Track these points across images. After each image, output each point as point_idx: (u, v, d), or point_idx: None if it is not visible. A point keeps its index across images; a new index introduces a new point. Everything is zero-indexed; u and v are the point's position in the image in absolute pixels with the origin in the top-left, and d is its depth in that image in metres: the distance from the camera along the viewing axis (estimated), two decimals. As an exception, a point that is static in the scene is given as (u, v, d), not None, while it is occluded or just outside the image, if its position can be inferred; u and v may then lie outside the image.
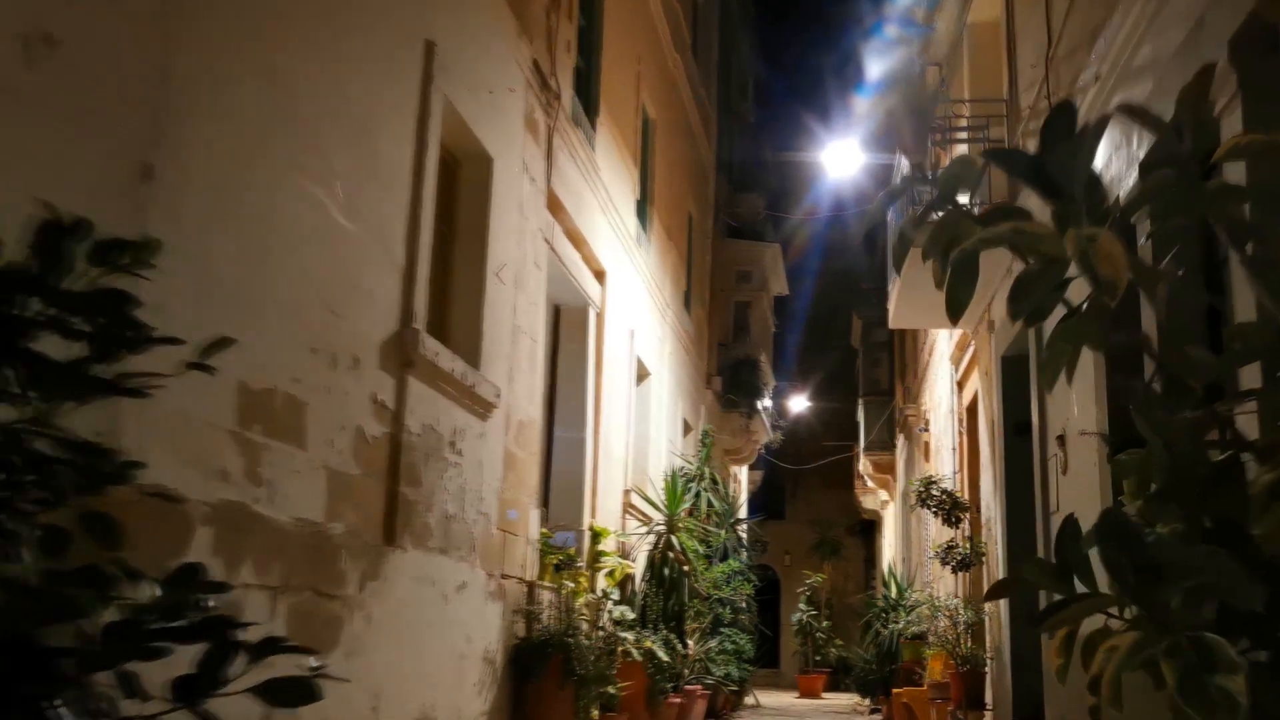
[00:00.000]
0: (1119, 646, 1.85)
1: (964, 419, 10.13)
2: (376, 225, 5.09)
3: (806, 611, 24.14)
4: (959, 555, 8.59)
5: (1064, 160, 2.15)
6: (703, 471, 13.15)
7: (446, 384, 5.82)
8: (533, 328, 7.71)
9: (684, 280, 15.04)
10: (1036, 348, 6.44)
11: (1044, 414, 6.34)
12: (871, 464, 23.28)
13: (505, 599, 6.90)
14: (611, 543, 9.85)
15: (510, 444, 7.12)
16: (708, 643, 11.13)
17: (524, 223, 7.45)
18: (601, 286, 10.02)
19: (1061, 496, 5.91)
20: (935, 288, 2.03)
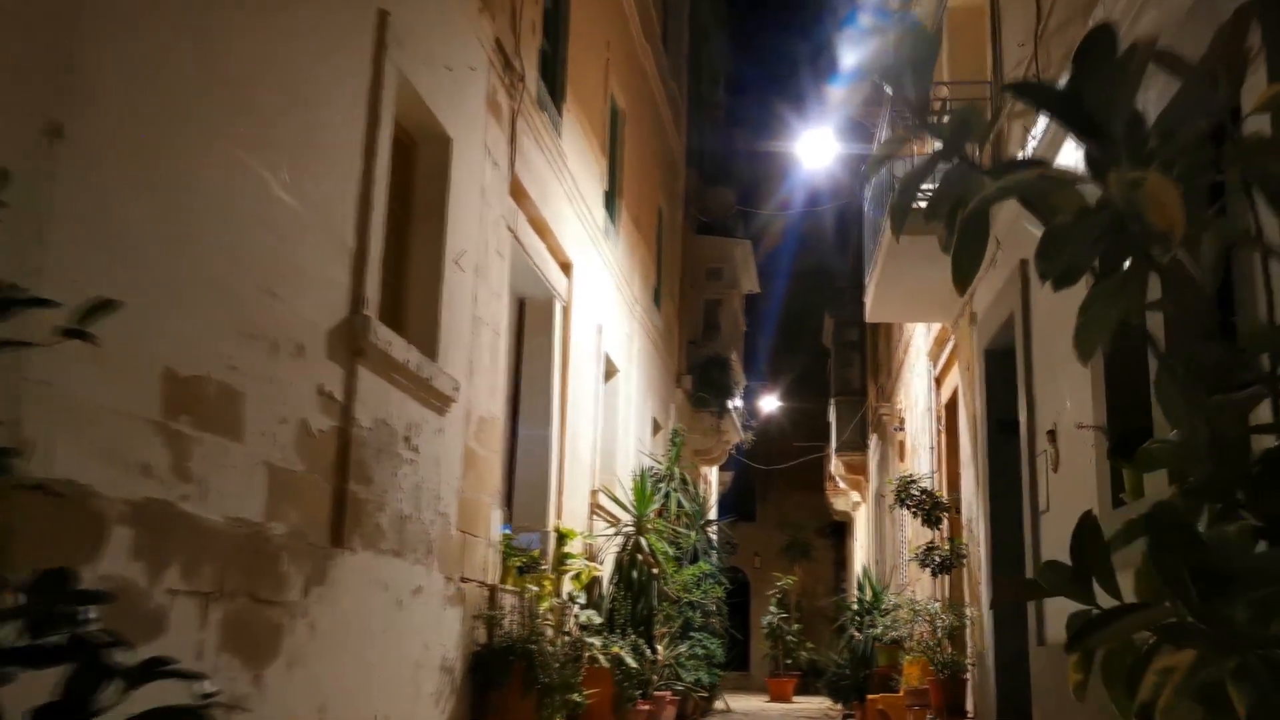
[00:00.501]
0: (1176, 667, 1.58)
1: (942, 417, 9.88)
2: (322, 203, 4.76)
3: (777, 614, 23.91)
4: (939, 557, 8.33)
5: (1102, 92, 1.85)
6: (672, 471, 12.85)
7: (401, 375, 5.50)
8: (495, 319, 7.39)
9: (653, 276, 14.74)
10: (1023, 339, 6.20)
11: (1032, 408, 6.08)
12: (843, 465, 23.07)
13: (465, 604, 6.58)
14: (578, 545, 9.54)
15: (470, 441, 6.79)
16: (677, 647, 10.82)
17: (485, 208, 7.12)
18: (568, 279, 9.71)
19: (1052, 495, 5.65)
20: (941, 251, 1.74)
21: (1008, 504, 7.09)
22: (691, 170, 18.20)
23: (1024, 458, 6.18)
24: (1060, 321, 5.52)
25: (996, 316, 6.99)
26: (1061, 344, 5.51)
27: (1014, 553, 7.03)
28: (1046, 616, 5.75)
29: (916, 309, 8.97)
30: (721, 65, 20.81)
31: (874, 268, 8.49)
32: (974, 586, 7.93)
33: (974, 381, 7.83)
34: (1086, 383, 4.91)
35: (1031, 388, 6.08)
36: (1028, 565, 6.06)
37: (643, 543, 10.44)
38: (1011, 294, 6.50)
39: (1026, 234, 6.33)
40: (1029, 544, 6.04)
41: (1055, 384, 5.61)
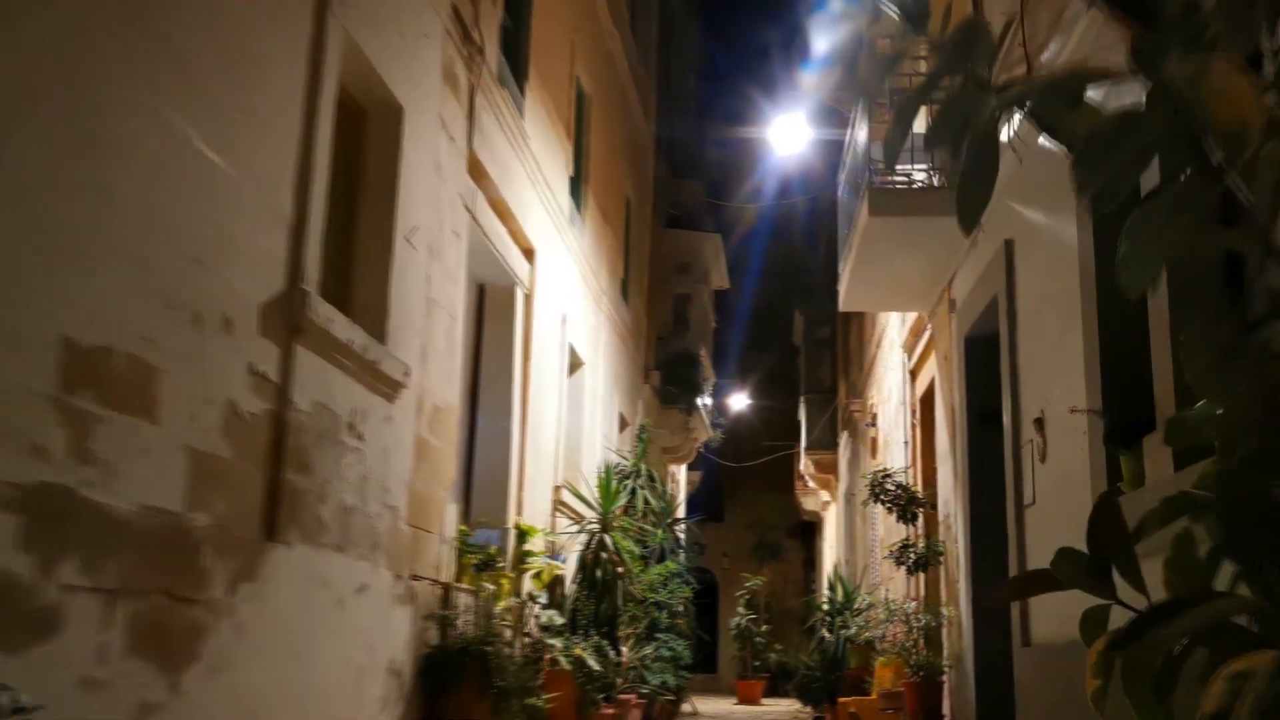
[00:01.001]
0: (1253, 672, 1.29)
1: (917, 410, 9.58)
2: (257, 168, 4.38)
3: (745, 615, 23.59)
4: (915, 555, 8.01)
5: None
6: (639, 468, 12.49)
7: (344, 357, 5.12)
8: (451, 303, 7.02)
9: (621, 268, 14.39)
10: (1008, 324, 5.88)
11: (1017, 396, 5.76)
12: (813, 463, 22.79)
13: (415, 603, 6.20)
14: (539, 542, 9.17)
15: (423, 430, 6.42)
16: (643, 649, 10.47)
17: (441, 185, 6.75)
18: (530, 266, 9.34)
19: (1039, 487, 5.34)
20: (947, 186, 1.41)
21: (989, 498, 6.79)
22: (660, 162, 17.86)
23: (1008, 449, 5.87)
24: (1050, 301, 5.22)
25: (978, 301, 6.68)
26: (1051, 326, 5.20)
27: (995, 549, 6.72)
28: (1033, 615, 5.44)
29: (892, 297, 8.65)
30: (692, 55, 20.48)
31: (848, 253, 8.17)
32: (951, 585, 7.62)
33: (953, 371, 7.53)
34: (1078, 366, 4.60)
35: (1016, 375, 5.77)
36: (1012, 561, 5.75)
37: (608, 541, 10.08)
38: (995, 276, 6.20)
39: (1010, 213, 6.02)
40: (1013, 539, 5.72)
41: (1043, 369, 5.31)
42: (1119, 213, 1.40)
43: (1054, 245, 5.13)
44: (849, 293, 8.52)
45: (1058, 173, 4.98)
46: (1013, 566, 5.73)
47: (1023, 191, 5.75)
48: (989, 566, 6.69)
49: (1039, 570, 1.79)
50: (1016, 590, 1.92)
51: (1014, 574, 5.66)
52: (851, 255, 7.93)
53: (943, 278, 7.76)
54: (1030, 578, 2.45)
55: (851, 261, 7.98)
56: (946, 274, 7.66)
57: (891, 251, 7.49)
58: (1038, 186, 5.43)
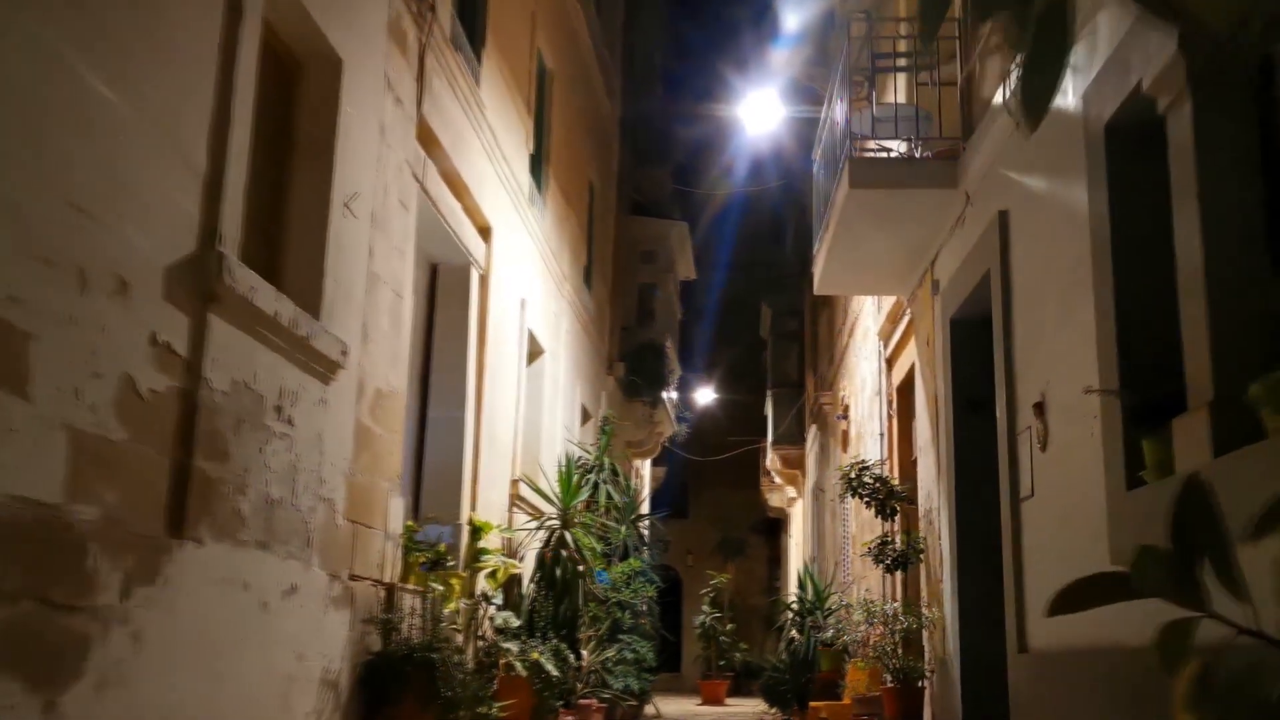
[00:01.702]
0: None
1: (894, 400, 9.11)
2: (161, 109, 3.82)
3: (710, 614, 23.11)
4: (894, 552, 7.53)
5: None
6: (602, 461, 11.96)
7: (270, 331, 4.56)
8: (397, 279, 6.47)
9: (584, 254, 13.85)
10: (1002, 301, 5.40)
11: (1012, 380, 5.29)
12: (780, 458, 22.34)
13: (354, 606, 5.65)
14: (495, 539, 8.64)
15: (364, 416, 5.87)
16: (605, 652, 9.95)
17: (386, 149, 6.20)
18: (487, 245, 8.79)
19: (1039, 478, 4.86)
20: (1011, 47, 1.06)
21: (977, 491, 6.33)
22: (625, 147, 17.33)
23: (1001, 438, 5.40)
24: (1053, 274, 4.75)
25: (966, 280, 6.21)
26: (1053, 302, 4.73)
27: (985, 545, 6.26)
28: (1030, 618, 4.97)
29: (870, 279, 8.16)
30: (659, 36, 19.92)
31: (825, 232, 7.68)
32: (934, 584, 7.15)
33: (936, 357, 7.06)
34: (1088, 343, 4.12)
35: (1011, 357, 5.30)
36: (1006, 559, 5.28)
37: (568, 537, 9.55)
38: (986, 252, 5.72)
39: (1004, 182, 5.54)
40: (1008, 534, 5.24)
41: (1044, 350, 4.84)
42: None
43: (1059, 213, 4.65)
44: (825, 275, 8.03)
45: (1063, 133, 4.51)
46: (1007, 564, 5.25)
47: (1020, 157, 5.28)
48: (977, 564, 6.22)
49: (1109, 574, 1.37)
50: (1079, 598, 1.49)
51: (1009, 572, 5.19)
52: (828, 234, 7.43)
53: (925, 257, 7.28)
54: (1098, 584, 1.92)
55: (828, 241, 7.48)
56: (929, 253, 7.18)
57: (871, 229, 7.00)
58: (1038, 150, 4.96)
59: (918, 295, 7.73)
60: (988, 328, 6.26)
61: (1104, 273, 3.96)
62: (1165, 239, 3.63)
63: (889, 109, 6.72)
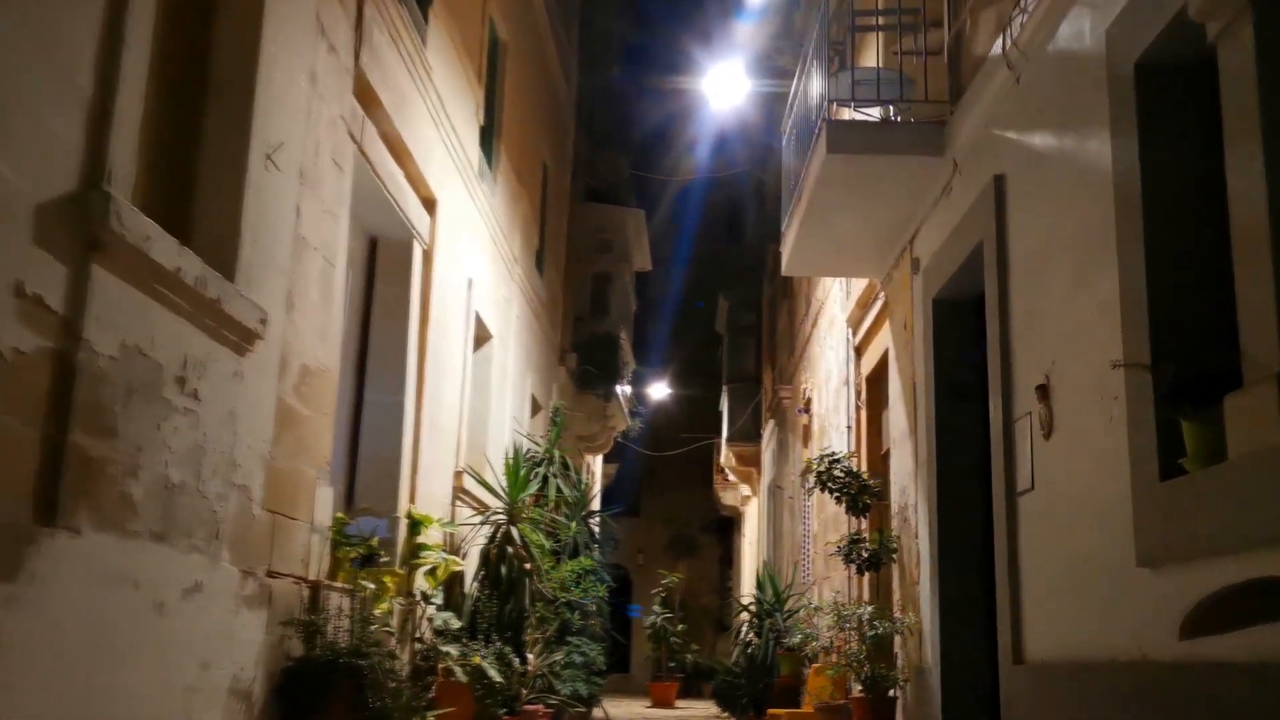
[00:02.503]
0: None
1: (863, 391, 8.62)
2: (33, 14, 3.21)
3: (661, 614, 22.57)
4: (865, 551, 7.02)
5: None
6: (552, 454, 11.39)
7: (171, 290, 3.96)
8: (329, 246, 5.87)
9: (536, 238, 13.26)
10: (997, 275, 4.89)
11: (1008, 361, 4.79)
12: (735, 455, 21.87)
13: (272, 606, 5.05)
14: (436, 534, 8.06)
15: (287, 394, 5.27)
16: (552, 655, 9.37)
17: (317, 101, 5.60)
18: (431, 219, 8.20)
19: (1040, 469, 4.37)
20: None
21: (961, 485, 5.84)
22: (581, 131, 16.75)
23: (994, 426, 4.89)
24: (1063, 241, 4.25)
25: (953, 255, 5.71)
26: (1062, 271, 4.24)
27: (968, 544, 5.78)
28: (1028, 626, 4.47)
29: (842, 259, 7.64)
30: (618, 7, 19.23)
31: (796, 208, 7.17)
32: (909, 586, 6.65)
33: (915, 341, 6.56)
34: (1108, 314, 3.62)
35: (1008, 336, 4.80)
36: (999, 559, 4.78)
37: (515, 533, 8.97)
38: (978, 222, 5.23)
39: (999, 144, 5.05)
40: (1001, 532, 4.74)
41: (1048, 325, 4.34)
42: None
43: (1070, 172, 4.16)
44: (794, 254, 7.50)
45: (1078, 80, 4.01)
46: (1000, 566, 4.75)
47: (1020, 114, 4.78)
48: (959, 565, 5.73)
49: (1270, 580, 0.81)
50: (1234, 612, 1.04)
51: (1004, 574, 4.69)
52: (800, 208, 6.92)
53: (903, 234, 6.79)
54: (1254, 595, 1.36)
55: (799, 216, 6.96)
56: (908, 229, 6.68)
57: (847, 201, 6.49)
58: (1045, 104, 4.46)
59: (893, 276, 7.23)
60: (975, 307, 5.78)
61: (1131, 233, 3.47)
62: (1207, 191, 3.13)
63: (869, 72, 6.21)
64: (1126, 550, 3.45)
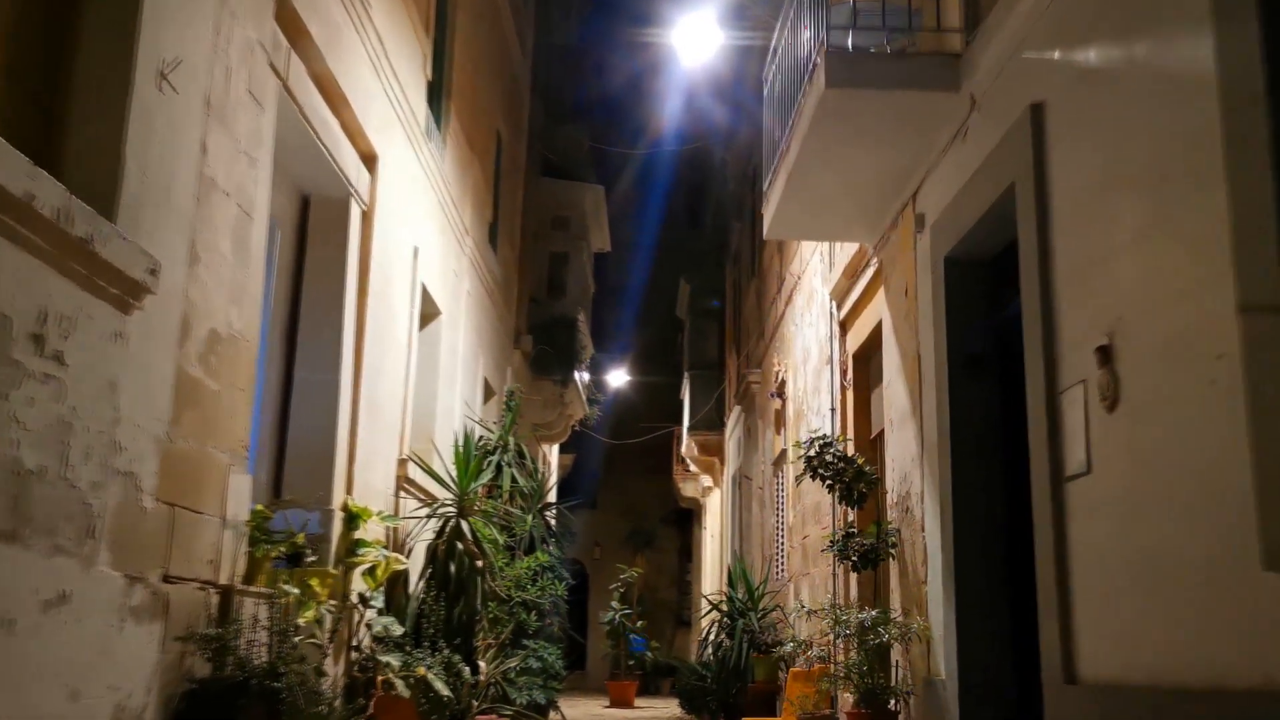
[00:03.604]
0: None
1: (849, 370, 7.88)
2: None
3: (619, 610, 21.78)
4: (862, 546, 6.25)
5: None
6: (506, 441, 10.56)
7: (20, 222, 3.12)
8: (245, 193, 5.03)
9: (490, 210, 12.41)
10: (1035, 221, 4.14)
11: (1050, 320, 4.04)
12: (696, 445, 21.12)
13: (168, 617, 4.22)
14: (377, 529, 7.24)
15: (190, 363, 4.44)
16: (506, 661, 8.57)
17: (228, 18, 4.75)
18: (372, 177, 7.36)
19: (1101, 447, 3.62)
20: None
21: (978, 470, 5.11)
22: (537, 102, 15.89)
23: (1033, 399, 4.15)
24: (1126, 173, 3.51)
25: (970, 206, 4.97)
26: (1128, 207, 3.50)
27: (989, 539, 5.05)
28: (1081, 635, 3.72)
29: (831, 220, 6.86)
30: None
31: (781, 161, 6.40)
32: (912, 587, 5.91)
33: (918, 308, 5.82)
34: (1204, 247, 2.87)
35: (1049, 291, 4.05)
36: (1041, 558, 4.03)
37: (465, 528, 8.16)
38: (1008, 162, 4.48)
39: (1035, 70, 4.30)
40: (1045, 526, 3.99)
41: (1110, 273, 3.60)
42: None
43: (1143, 85, 3.42)
44: (778, 215, 6.73)
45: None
46: (1043, 566, 4.01)
47: (1066, 30, 4.03)
48: (978, 563, 5.00)
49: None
50: None
51: (1048, 577, 3.94)
52: (787, 161, 6.15)
53: (905, 187, 6.04)
54: None
55: (786, 170, 6.19)
56: (912, 181, 5.94)
57: (843, 150, 5.73)
58: (1102, 10, 3.71)
59: (890, 238, 6.48)
60: (995, 266, 5.05)
61: (1249, 146, 2.73)
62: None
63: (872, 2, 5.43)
64: (1241, 548, 2.73)
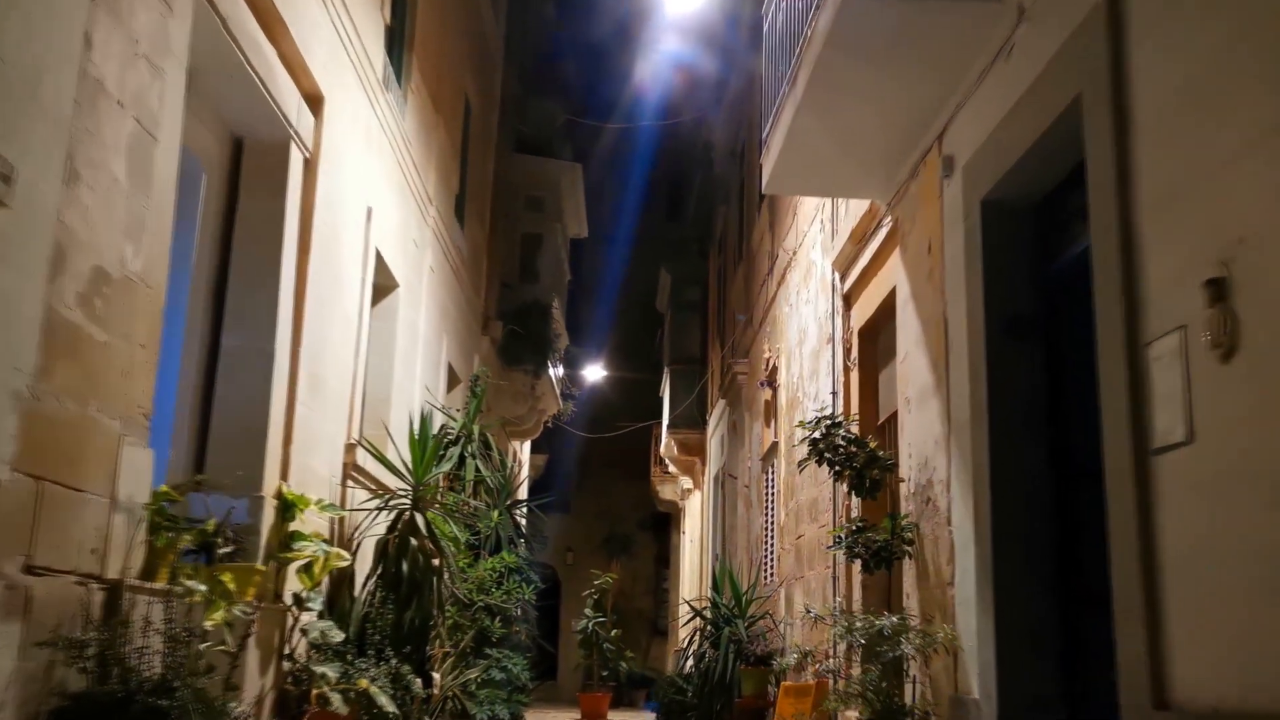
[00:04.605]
0: None
1: (853, 348, 7.15)
2: None
3: (593, 618, 20.98)
4: (873, 543, 5.47)
5: None
6: (471, 430, 9.79)
7: None
8: (147, 109, 4.26)
9: (457, 181, 11.62)
10: (1111, 136, 3.40)
11: (1130, 252, 3.28)
12: (676, 444, 20.37)
13: (29, 618, 3.45)
14: (317, 520, 6.47)
15: (66, 304, 3.66)
16: (466, 672, 7.80)
17: (123, -113, 3.98)
18: (317, 120, 6.59)
19: (1210, 410, 2.88)
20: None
21: (1025, 451, 4.37)
22: (511, 71, 15.13)
23: (1108, 352, 3.41)
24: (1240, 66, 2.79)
25: (1015, 137, 4.24)
26: (1244, 107, 2.78)
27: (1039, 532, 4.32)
28: (1178, 649, 2.98)
29: (840, 171, 6.06)
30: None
31: (785, 101, 5.66)
32: (934, 589, 5.16)
33: (945, 266, 5.08)
34: None
35: (1130, 218, 3.32)
36: (1119, 548, 3.29)
37: (421, 522, 7.38)
38: (1073, 71, 3.75)
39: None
40: (1126, 508, 3.24)
41: (1217, 192, 2.87)
42: None
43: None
44: (780, 165, 5.98)
45: None
46: (1121, 557, 3.26)
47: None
48: (1023, 561, 4.26)
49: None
50: None
51: (1129, 575, 3.20)
52: (793, 96, 5.40)
53: (930, 126, 5.31)
54: None
55: (791, 109, 5.44)
56: (938, 118, 5.20)
57: (860, 80, 4.99)
58: None
59: (909, 190, 5.75)
60: (1044, 208, 4.33)
61: None
62: None
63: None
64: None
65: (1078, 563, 4.19)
